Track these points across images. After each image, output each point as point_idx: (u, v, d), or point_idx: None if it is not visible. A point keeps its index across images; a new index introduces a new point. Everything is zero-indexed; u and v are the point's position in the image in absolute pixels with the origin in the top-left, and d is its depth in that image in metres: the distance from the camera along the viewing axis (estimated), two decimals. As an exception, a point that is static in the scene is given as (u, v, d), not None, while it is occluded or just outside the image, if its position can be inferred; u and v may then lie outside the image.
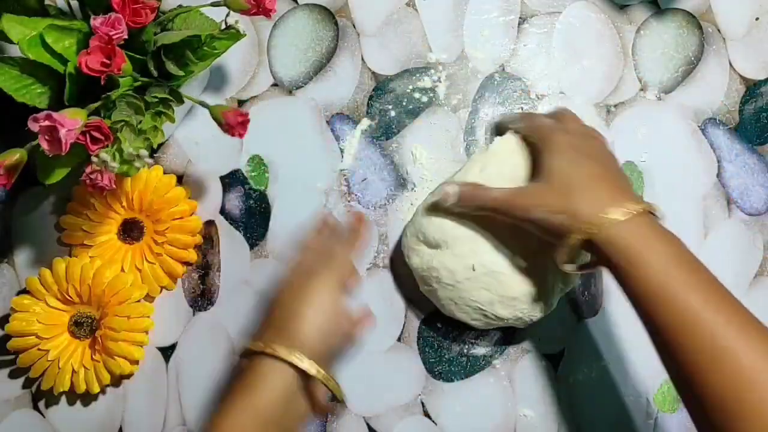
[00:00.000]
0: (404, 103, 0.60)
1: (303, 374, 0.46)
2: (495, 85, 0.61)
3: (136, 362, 0.55)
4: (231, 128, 0.51)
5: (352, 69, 0.61)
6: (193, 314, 0.57)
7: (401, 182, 0.59)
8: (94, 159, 0.46)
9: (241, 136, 0.51)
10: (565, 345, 0.57)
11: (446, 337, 0.57)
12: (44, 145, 0.43)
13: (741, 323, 0.39)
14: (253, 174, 0.59)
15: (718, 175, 0.59)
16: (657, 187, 0.59)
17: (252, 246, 0.58)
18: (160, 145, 0.59)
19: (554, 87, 0.60)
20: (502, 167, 0.52)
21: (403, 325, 0.57)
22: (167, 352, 0.57)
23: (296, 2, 0.62)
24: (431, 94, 0.60)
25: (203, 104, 0.52)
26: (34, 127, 0.43)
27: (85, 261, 0.54)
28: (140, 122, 0.49)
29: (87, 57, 0.44)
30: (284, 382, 0.45)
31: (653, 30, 0.62)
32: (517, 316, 0.52)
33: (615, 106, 0.60)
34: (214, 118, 0.51)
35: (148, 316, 0.56)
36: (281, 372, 0.46)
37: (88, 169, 0.47)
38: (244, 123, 0.51)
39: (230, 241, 0.58)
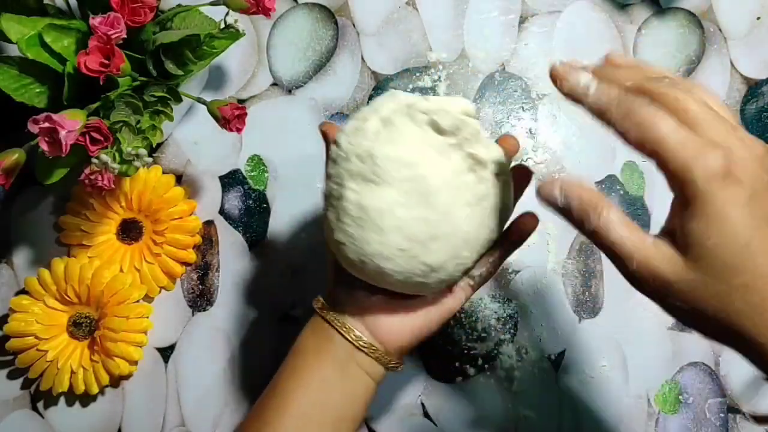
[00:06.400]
0: (404, 103, 0.60)
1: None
2: (495, 84, 0.60)
3: (135, 363, 0.55)
4: (228, 123, 0.50)
5: (351, 68, 0.60)
6: (192, 315, 0.57)
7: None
8: (94, 161, 0.46)
9: (239, 131, 0.51)
10: (565, 345, 0.57)
11: (446, 338, 0.56)
12: (44, 147, 0.43)
13: None
14: (252, 174, 0.59)
15: (719, 175, 0.59)
16: (658, 187, 0.59)
17: (251, 246, 0.58)
18: (159, 145, 0.59)
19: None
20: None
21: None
22: (166, 352, 0.57)
23: (296, 1, 0.61)
24: (431, 94, 0.60)
25: (201, 101, 0.52)
26: (33, 128, 0.43)
27: (84, 261, 0.54)
28: (139, 122, 0.49)
29: (86, 57, 0.44)
30: (333, 348, 0.42)
31: (654, 29, 0.61)
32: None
33: (616, 105, 0.60)
34: (211, 113, 0.51)
35: (147, 317, 0.56)
36: (335, 342, 0.43)
37: (87, 170, 0.47)
38: (241, 117, 0.51)
39: (229, 241, 0.58)
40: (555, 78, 0.35)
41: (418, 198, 0.39)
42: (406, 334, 0.43)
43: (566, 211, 0.33)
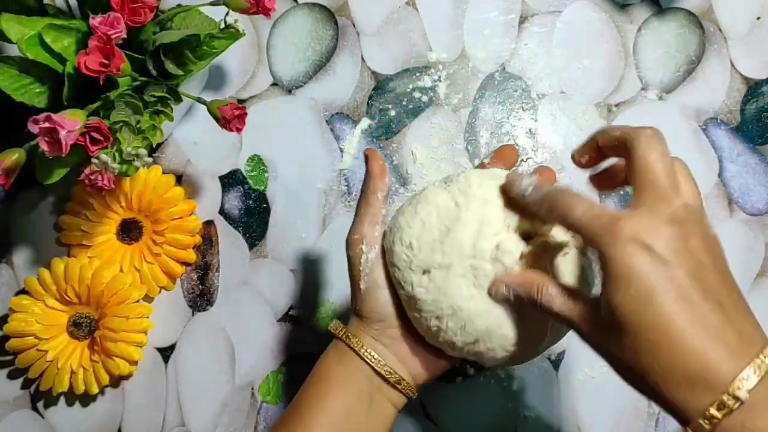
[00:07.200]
0: (404, 103, 0.60)
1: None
2: (495, 84, 0.60)
3: (135, 363, 0.55)
4: (228, 123, 0.50)
5: (351, 68, 0.60)
6: (192, 315, 0.57)
7: (401, 182, 0.59)
8: (94, 161, 0.46)
9: (239, 131, 0.51)
10: (565, 345, 0.56)
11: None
12: (44, 147, 0.43)
13: None
14: (252, 174, 0.59)
15: (720, 174, 0.59)
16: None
17: (251, 246, 0.58)
18: (159, 145, 0.59)
19: (555, 86, 0.60)
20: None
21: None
22: (166, 352, 0.57)
23: (296, 1, 0.61)
24: (431, 94, 0.60)
25: (201, 101, 0.52)
26: (33, 128, 0.43)
27: (84, 261, 0.54)
28: (139, 122, 0.49)
29: (86, 57, 0.44)
30: (360, 379, 0.42)
31: (654, 29, 0.61)
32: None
33: (616, 105, 0.60)
34: (211, 113, 0.51)
35: (147, 317, 0.56)
36: (357, 367, 0.42)
37: (87, 170, 0.47)
38: (241, 117, 0.50)
39: (229, 241, 0.58)
40: (506, 185, 0.40)
41: (439, 234, 0.41)
42: (435, 371, 0.44)
43: (518, 300, 0.38)
